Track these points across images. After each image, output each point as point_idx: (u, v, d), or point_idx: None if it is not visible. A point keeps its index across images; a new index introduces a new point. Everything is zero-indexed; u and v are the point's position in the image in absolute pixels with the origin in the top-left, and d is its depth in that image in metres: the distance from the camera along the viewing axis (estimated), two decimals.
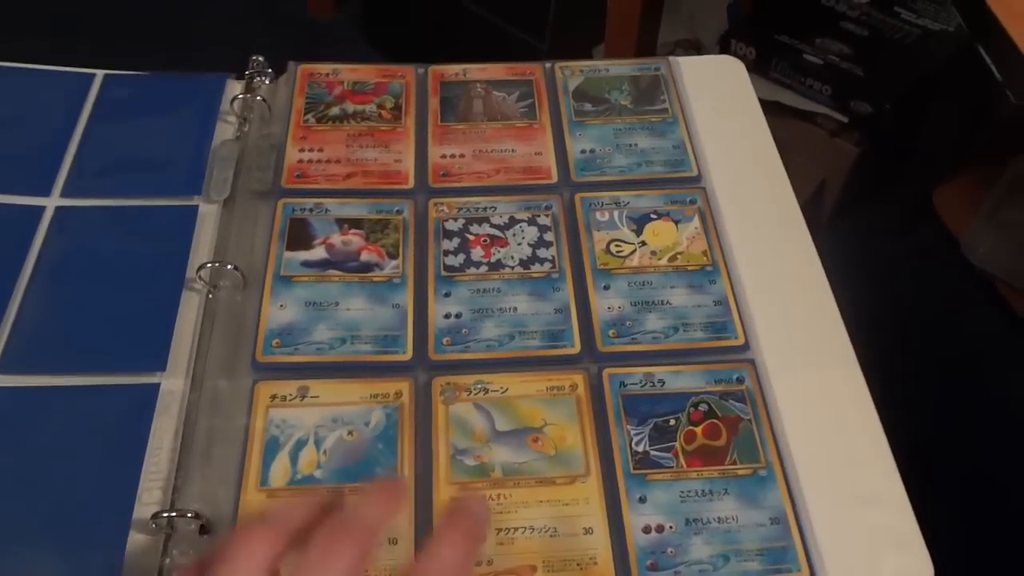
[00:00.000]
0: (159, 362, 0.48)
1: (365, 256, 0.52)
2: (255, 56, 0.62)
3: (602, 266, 0.52)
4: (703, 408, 0.46)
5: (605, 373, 0.48)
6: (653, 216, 0.55)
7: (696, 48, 1.26)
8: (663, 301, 0.51)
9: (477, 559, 0.34)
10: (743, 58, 0.67)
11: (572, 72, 0.64)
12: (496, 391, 0.47)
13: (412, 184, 0.56)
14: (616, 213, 0.55)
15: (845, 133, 1.17)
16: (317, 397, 0.46)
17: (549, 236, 0.54)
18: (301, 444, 0.44)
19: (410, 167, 0.57)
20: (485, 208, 0.55)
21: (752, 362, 0.48)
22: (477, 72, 0.64)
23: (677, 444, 0.45)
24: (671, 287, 0.52)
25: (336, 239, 0.53)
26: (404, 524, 0.42)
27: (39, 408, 0.46)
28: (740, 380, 0.47)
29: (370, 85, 0.62)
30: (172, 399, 0.47)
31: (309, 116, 0.60)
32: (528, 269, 0.52)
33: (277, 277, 0.51)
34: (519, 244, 0.53)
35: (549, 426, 0.46)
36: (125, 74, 0.64)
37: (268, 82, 0.62)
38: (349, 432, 0.45)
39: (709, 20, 1.26)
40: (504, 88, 0.63)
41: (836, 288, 0.53)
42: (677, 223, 0.55)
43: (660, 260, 0.53)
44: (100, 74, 0.63)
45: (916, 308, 1.21)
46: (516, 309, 0.50)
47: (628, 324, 0.50)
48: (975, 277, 1.21)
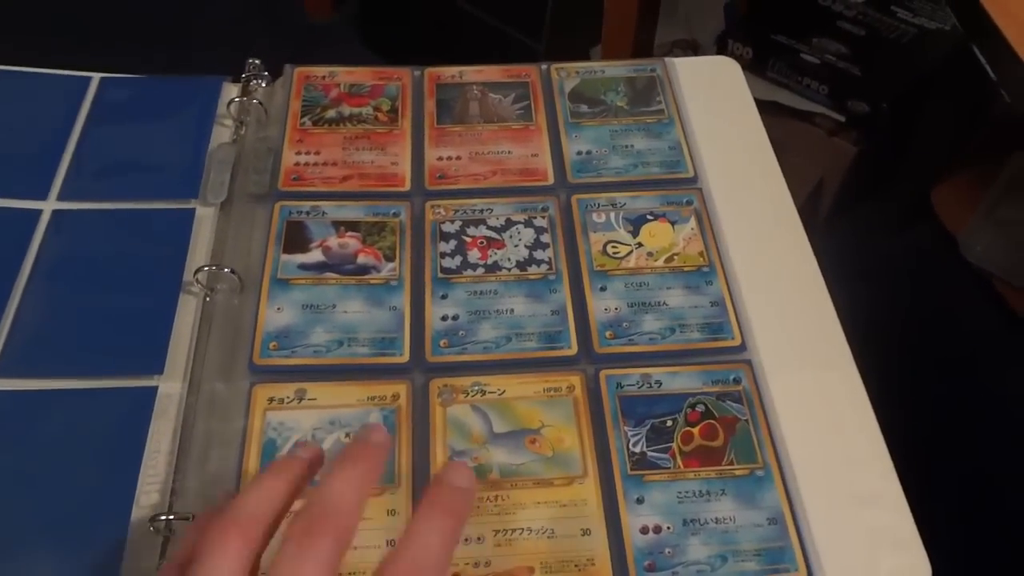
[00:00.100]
0: (156, 365, 0.48)
1: (362, 259, 0.52)
2: (251, 59, 0.62)
3: (599, 267, 0.53)
4: (700, 409, 0.46)
5: (602, 374, 0.48)
6: (649, 217, 0.55)
7: (693, 48, 1.26)
8: (660, 302, 0.51)
9: (462, 534, 0.32)
10: (740, 58, 0.67)
11: (568, 73, 0.64)
12: (493, 393, 0.47)
13: (409, 186, 0.56)
14: (612, 214, 0.55)
15: (842, 132, 1.17)
16: (314, 400, 0.46)
17: (546, 238, 0.54)
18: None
19: (407, 169, 0.57)
20: (482, 210, 0.55)
21: (749, 363, 0.48)
22: (473, 74, 0.64)
23: (674, 445, 0.45)
24: (668, 288, 0.52)
25: (333, 242, 0.53)
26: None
27: (37, 411, 0.46)
28: (737, 381, 0.48)
29: (366, 88, 0.62)
30: (170, 402, 0.47)
31: (305, 119, 0.60)
32: (525, 271, 0.52)
33: (274, 280, 0.51)
34: (516, 246, 0.53)
35: (546, 427, 0.46)
36: (122, 77, 0.64)
37: (264, 85, 0.62)
38: (347, 435, 0.45)
39: (706, 20, 1.26)
40: (500, 90, 0.63)
41: (833, 287, 0.53)
42: (673, 224, 0.55)
43: (656, 261, 0.53)
44: (97, 77, 0.63)
45: (913, 307, 1.21)
46: (513, 311, 0.50)
47: (625, 325, 0.50)
48: (972, 276, 1.21)
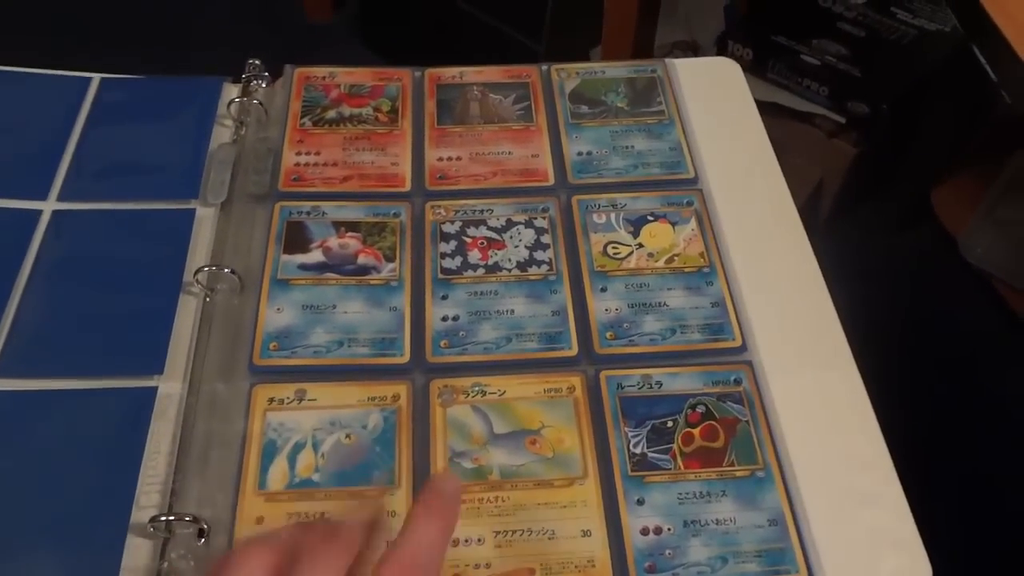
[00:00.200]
0: (157, 366, 0.48)
1: (362, 259, 0.52)
2: (252, 59, 0.62)
3: (599, 268, 0.53)
4: (701, 410, 0.46)
5: (602, 375, 0.48)
6: (650, 218, 0.55)
7: (693, 49, 1.26)
8: (660, 303, 0.51)
9: (451, 536, 0.35)
10: (740, 59, 0.67)
11: (568, 74, 0.64)
12: (494, 393, 0.47)
13: (409, 187, 0.56)
14: (613, 215, 0.55)
15: (842, 133, 1.17)
16: (315, 400, 0.46)
17: (546, 238, 0.54)
18: (299, 447, 0.44)
19: (407, 170, 0.57)
20: (482, 211, 0.55)
21: (749, 363, 0.48)
22: (474, 75, 0.64)
23: (675, 446, 0.45)
24: (668, 289, 0.52)
25: (333, 242, 0.53)
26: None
27: (37, 412, 0.46)
28: (737, 382, 0.48)
29: (367, 88, 0.62)
30: (170, 403, 0.47)
31: (306, 119, 0.60)
32: (525, 271, 0.52)
33: (274, 280, 0.51)
34: (516, 246, 0.53)
35: (547, 428, 0.46)
36: (122, 77, 0.64)
37: (265, 85, 0.62)
38: (347, 435, 0.45)
39: (706, 21, 1.26)
40: (501, 90, 0.63)
41: (833, 288, 0.53)
42: (674, 225, 0.55)
43: (657, 262, 0.53)
44: (97, 77, 0.63)
45: (914, 308, 1.21)
46: (513, 311, 0.50)
47: (625, 326, 0.50)
48: (973, 277, 1.21)
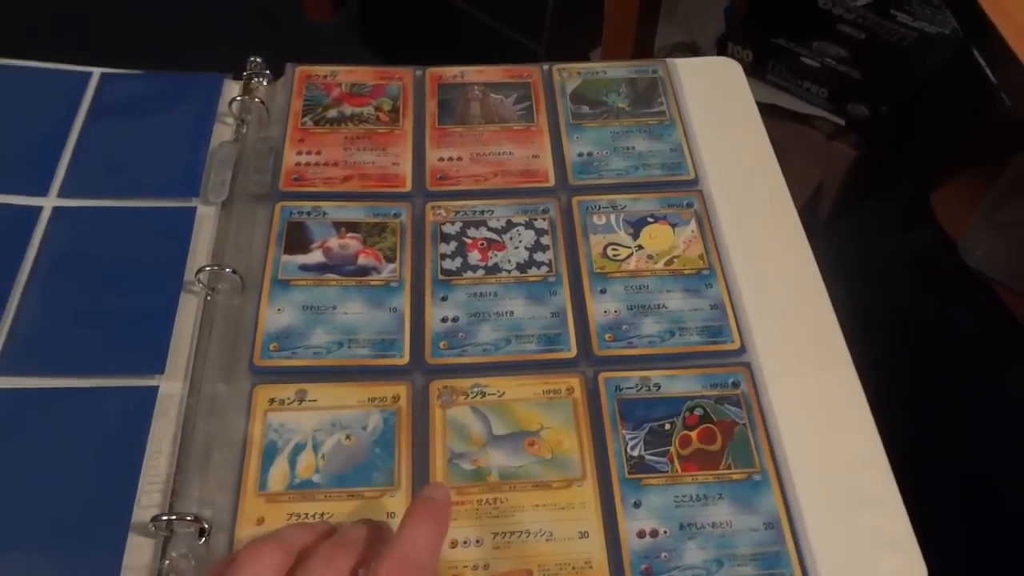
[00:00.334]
0: (158, 365, 0.48)
1: (362, 260, 0.52)
2: (253, 57, 0.62)
3: (599, 270, 0.53)
4: (698, 412, 0.46)
5: (601, 377, 0.48)
6: (650, 220, 0.55)
7: (693, 51, 1.26)
8: (659, 305, 0.51)
9: (444, 540, 0.37)
10: (740, 61, 0.67)
11: (569, 74, 0.64)
12: (493, 395, 0.47)
13: (410, 187, 0.56)
14: (613, 217, 0.55)
15: (842, 136, 1.17)
16: (315, 401, 0.46)
17: (546, 239, 0.54)
18: (299, 448, 0.45)
19: (407, 170, 0.57)
20: (482, 211, 0.55)
21: (748, 366, 0.48)
22: (475, 74, 0.64)
23: (672, 449, 0.45)
24: (667, 291, 0.52)
25: (334, 242, 0.53)
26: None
27: (37, 410, 0.46)
28: (736, 384, 0.48)
29: (368, 87, 0.62)
30: (171, 402, 0.47)
31: (307, 119, 0.60)
32: (525, 273, 0.52)
33: (275, 281, 0.51)
34: (516, 248, 0.53)
35: (545, 430, 0.46)
36: (122, 73, 0.63)
37: (266, 84, 0.62)
38: (347, 436, 0.45)
39: (706, 23, 1.26)
40: (502, 90, 0.63)
41: (833, 291, 0.53)
42: (674, 227, 0.55)
43: (657, 264, 0.53)
44: (97, 72, 0.63)
45: (913, 310, 1.21)
46: (513, 313, 0.50)
47: (624, 328, 0.50)
48: (972, 279, 1.21)
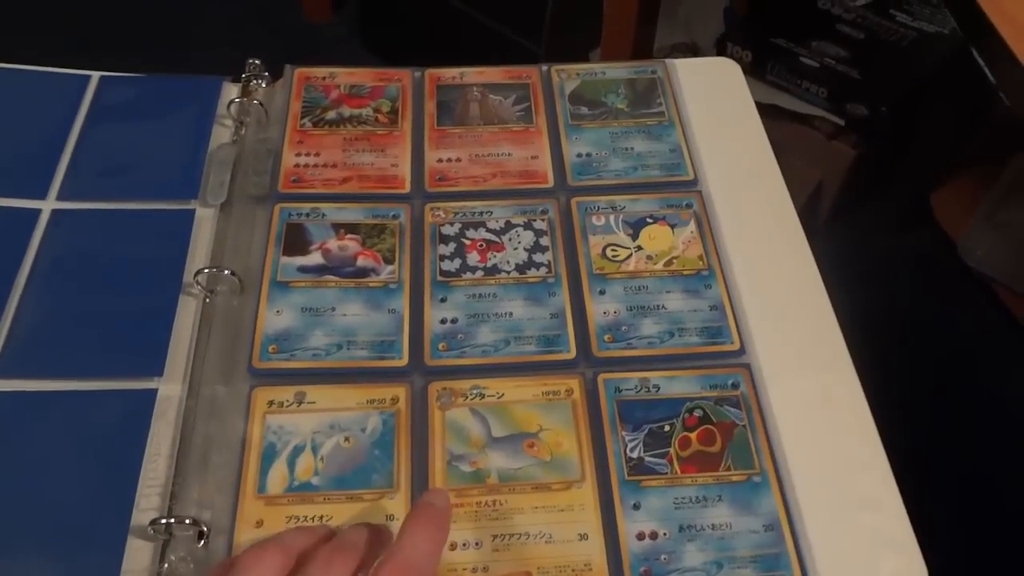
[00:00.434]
0: (157, 367, 0.48)
1: (361, 261, 0.52)
2: (252, 59, 0.62)
3: (598, 271, 0.53)
4: (698, 414, 0.46)
5: (600, 378, 0.48)
6: (649, 220, 0.55)
7: (692, 51, 1.26)
8: (659, 306, 0.51)
9: (444, 545, 0.38)
10: (739, 61, 0.67)
11: (568, 75, 0.64)
12: (492, 396, 0.47)
13: (408, 189, 0.56)
14: (612, 217, 0.55)
15: (841, 136, 1.17)
16: (314, 403, 0.46)
17: (545, 241, 0.54)
18: (298, 451, 0.45)
19: (406, 171, 0.57)
20: (481, 212, 0.55)
21: (747, 367, 0.48)
22: (474, 75, 0.64)
23: (672, 450, 0.45)
24: (667, 292, 0.52)
25: (332, 244, 0.53)
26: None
27: (36, 413, 0.46)
28: (735, 385, 0.48)
29: (367, 89, 0.62)
30: (169, 404, 0.47)
31: (306, 120, 0.60)
32: (524, 274, 0.52)
33: (274, 282, 0.51)
34: (515, 249, 0.53)
35: (545, 431, 0.46)
36: (122, 76, 0.63)
37: (265, 85, 0.62)
38: (346, 438, 0.45)
39: (705, 23, 1.26)
40: (501, 91, 0.63)
41: (832, 291, 0.53)
42: (673, 227, 0.55)
43: (656, 265, 0.53)
44: (96, 76, 0.63)
45: (913, 311, 1.21)
46: (512, 314, 0.50)
47: (624, 329, 0.50)
48: (972, 279, 1.21)
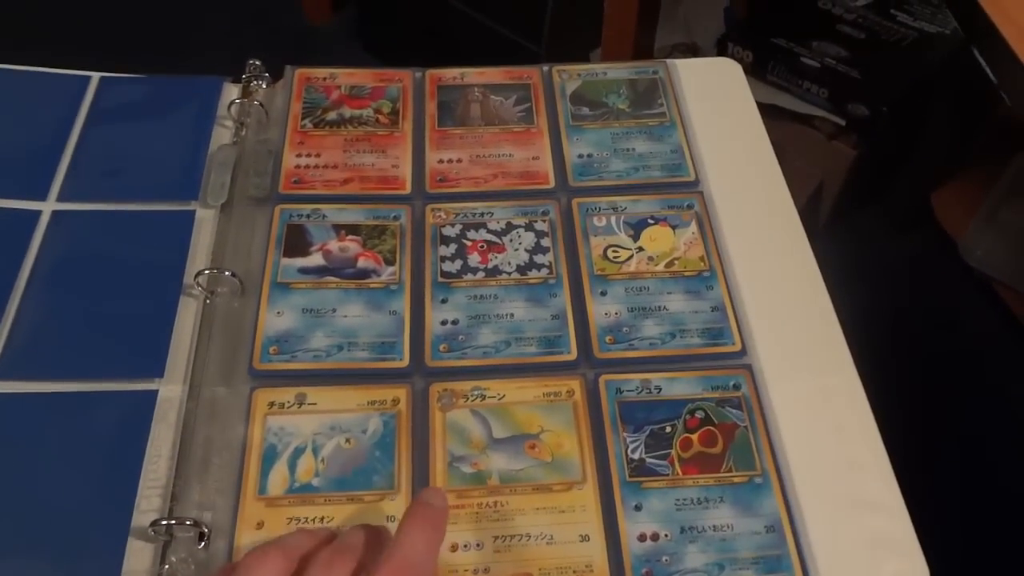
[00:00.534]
0: (157, 369, 0.48)
1: (362, 262, 0.52)
2: (252, 60, 0.62)
3: (599, 272, 0.53)
4: (699, 415, 0.46)
5: (601, 379, 0.48)
6: (650, 221, 0.55)
7: (693, 52, 1.26)
8: (660, 307, 0.51)
9: (440, 544, 0.37)
10: (740, 61, 0.67)
11: (570, 76, 0.64)
12: (493, 397, 0.47)
13: (409, 189, 0.56)
14: (613, 218, 0.55)
15: (842, 136, 1.17)
16: (315, 404, 0.46)
17: (546, 242, 0.54)
18: (299, 452, 0.45)
19: (407, 172, 0.57)
20: (482, 213, 0.55)
21: (749, 368, 0.48)
22: (475, 76, 0.64)
23: (673, 451, 0.45)
24: (668, 293, 0.52)
25: (333, 245, 0.53)
26: None
27: (37, 414, 0.46)
28: (737, 387, 0.48)
29: (367, 89, 0.62)
30: (170, 406, 0.47)
31: (306, 121, 0.60)
32: (525, 275, 0.52)
33: (274, 284, 0.51)
34: (516, 250, 0.53)
35: (546, 432, 0.46)
36: (122, 76, 0.63)
37: (265, 86, 0.62)
38: (347, 440, 0.45)
39: (705, 23, 1.26)
40: (502, 92, 0.63)
41: (833, 292, 0.53)
42: (674, 228, 0.55)
43: (657, 266, 0.53)
44: (96, 76, 0.63)
45: (914, 311, 1.21)
46: (513, 315, 0.50)
47: (625, 330, 0.50)
48: (973, 280, 1.21)
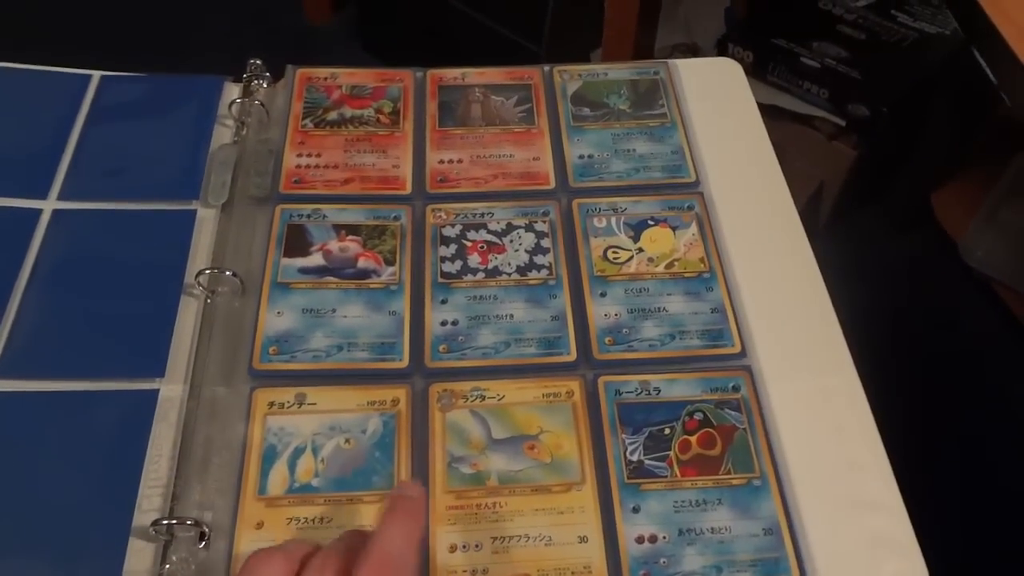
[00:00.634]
0: (158, 368, 0.48)
1: (362, 263, 0.52)
2: (253, 59, 0.62)
3: (599, 273, 0.53)
4: (698, 417, 0.46)
5: (601, 381, 0.48)
6: (651, 222, 0.55)
7: (693, 52, 1.26)
8: (660, 308, 0.51)
9: (420, 535, 0.36)
10: (740, 62, 0.67)
11: (570, 76, 0.64)
12: (493, 398, 0.47)
13: (410, 190, 0.56)
14: (614, 219, 0.55)
15: (842, 136, 1.17)
16: (314, 404, 0.46)
17: (546, 242, 0.54)
18: (299, 452, 0.45)
19: (408, 173, 0.57)
20: (482, 214, 0.55)
21: (748, 370, 0.48)
22: (476, 76, 0.64)
23: (672, 453, 0.45)
24: (668, 294, 0.52)
25: (333, 245, 0.53)
26: None
27: (38, 414, 0.46)
28: (736, 388, 0.48)
29: (368, 89, 0.62)
30: (171, 405, 0.47)
31: (307, 121, 0.60)
32: (525, 276, 0.52)
33: (274, 284, 0.51)
34: (516, 250, 0.53)
35: (545, 433, 0.46)
36: (123, 75, 0.63)
37: (266, 86, 0.62)
38: (346, 440, 0.45)
39: (706, 24, 1.26)
40: (502, 92, 0.63)
41: (833, 292, 0.53)
42: (675, 229, 0.55)
43: (657, 267, 0.53)
44: (97, 75, 0.63)
45: (914, 312, 1.21)
46: (512, 316, 0.50)
47: (624, 331, 0.50)
48: (973, 280, 1.21)
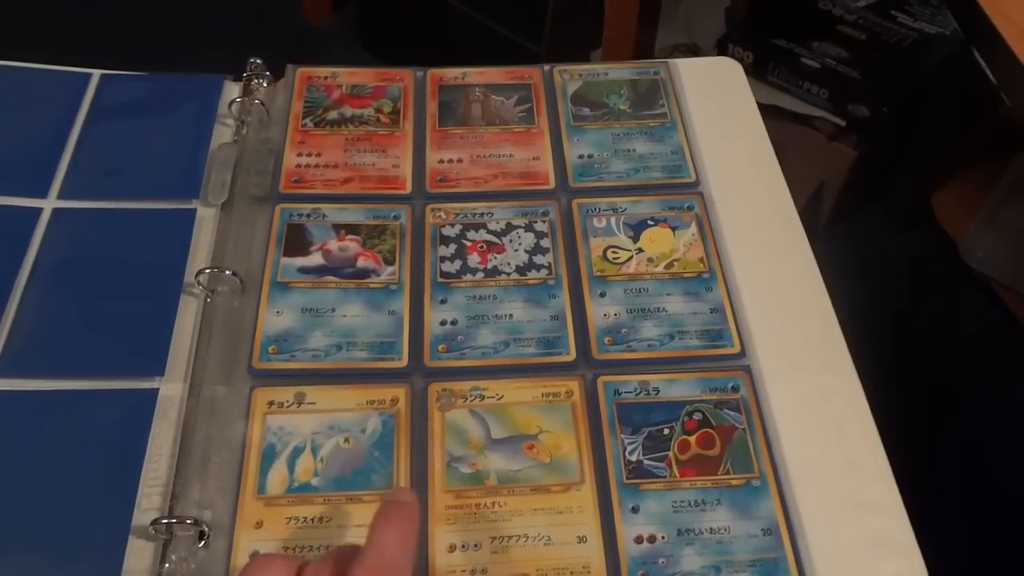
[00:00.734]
0: (158, 367, 0.48)
1: (362, 262, 0.52)
2: (253, 58, 0.62)
3: (598, 273, 0.53)
4: (697, 417, 0.46)
5: (600, 381, 0.48)
6: (650, 222, 0.55)
7: (693, 52, 1.26)
8: (659, 308, 0.51)
9: (414, 540, 0.36)
10: (740, 62, 0.67)
11: (571, 76, 0.64)
12: (492, 398, 0.47)
13: (410, 189, 0.56)
14: (613, 219, 0.55)
15: (843, 137, 1.17)
16: (314, 404, 0.46)
17: (546, 242, 0.54)
18: (298, 451, 0.45)
19: (408, 172, 0.57)
20: (482, 214, 0.55)
21: (748, 370, 0.48)
22: (476, 76, 0.64)
23: (671, 453, 0.45)
24: (667, 294, 0.52)
25: (333, 245, 0.53)
26: None
27: (37, 413, 0.46)
28: (735, 389, 0.48)
29: (368, 89, 0.62)
30: (171, 404, 0.47)
31: (307, 120, 0.60)
32: (524, 276, 0.52)
33: (274, 283, 0.51)
34: (516, 250, 0.53)
35: (544, 433, 0.46)
36: (123, 74, 0.63)
37: (266, 85, 0.62)
38: (346, 439, 0.45)
39: (706, 24, 1.26)
40: (503, 92, 0.63)
41: (833, 293, 0.53)
42: (674, 230, 0.55)
43: (657, 267, 0.53)
44: (97, 74, 0.63)
45: (914, 311, 1.21)
46: (512, 316, 0.50)
47: (624, 331, 0.50)
48: (973, 280, 1.21)
